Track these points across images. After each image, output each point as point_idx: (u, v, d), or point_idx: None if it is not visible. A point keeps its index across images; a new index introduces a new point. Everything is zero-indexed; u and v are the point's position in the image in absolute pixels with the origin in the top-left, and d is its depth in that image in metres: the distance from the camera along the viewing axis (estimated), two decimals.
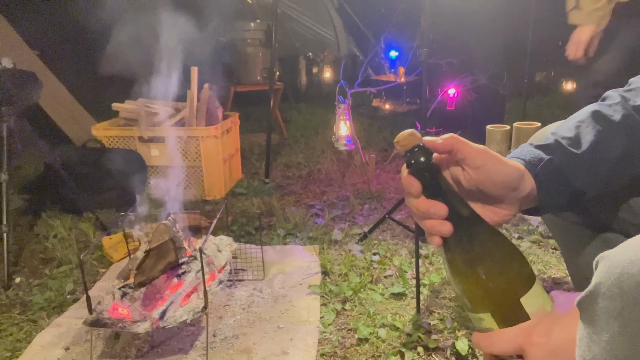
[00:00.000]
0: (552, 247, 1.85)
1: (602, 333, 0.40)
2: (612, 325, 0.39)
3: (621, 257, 0.40)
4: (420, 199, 0.54)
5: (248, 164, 3.11)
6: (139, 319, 1.24)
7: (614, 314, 0.39)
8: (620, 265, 0.39)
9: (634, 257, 0.39)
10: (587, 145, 0.63)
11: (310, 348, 1.31)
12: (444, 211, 0.53)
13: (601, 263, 0.42)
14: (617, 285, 0.39)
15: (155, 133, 2.50)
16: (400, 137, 0.54)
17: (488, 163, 0.56)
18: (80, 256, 1.22)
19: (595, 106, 0.67)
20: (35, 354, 1.33)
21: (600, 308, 0.41)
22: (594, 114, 0.66)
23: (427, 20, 1.73)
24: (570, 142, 0.63)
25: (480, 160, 0.55)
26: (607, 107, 0.66)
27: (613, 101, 0.67)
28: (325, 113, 4.24)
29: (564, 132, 0.65)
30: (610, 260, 0.41)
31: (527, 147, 0.64)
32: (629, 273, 0.38)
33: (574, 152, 0.62)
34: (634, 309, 0.38)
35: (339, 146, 2.41)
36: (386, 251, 1.86)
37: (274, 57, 2.99)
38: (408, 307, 1.49)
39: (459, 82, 2.79)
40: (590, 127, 0.64)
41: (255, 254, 1.72)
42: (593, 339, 0.42)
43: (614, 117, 0.65)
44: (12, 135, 1.87)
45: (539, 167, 0.60)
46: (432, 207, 0.53)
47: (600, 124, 0.64)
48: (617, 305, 0.39)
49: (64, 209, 2.30)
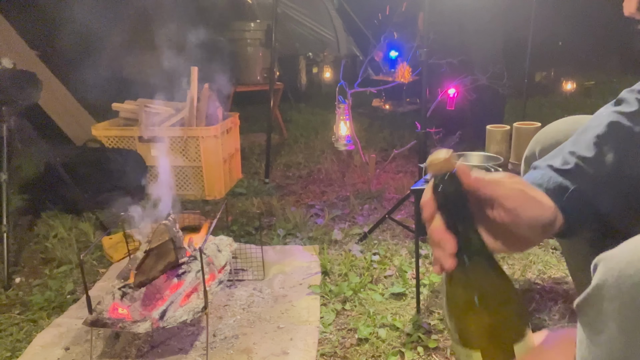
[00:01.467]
0: (552, 247, 1.85)
1: (601, 334, 0.41)
2: (611, 326, 0.39)
3: (619, 259, 0.40)
4: (435, 227, 0.52)
5: (248, 164, 3.12)
6: (139, 319, 1.24)
7: (612, 315, 0.39)
8: (617, 267, 0.40)
9: (631, 258, 0.39)
10: (609, 166, 0.60)
11: (310, 348, 1.31)
12: (453, 248, 0.51)
13: (599, 265, 0.42)
14: (615, 286, 0.39)
15: (155, 133, 2.50)
16: (435, 161, 0.51)
17: (522, 205, 0.53)
18: (80, 256, 1.22)
19: (612, 115, 0.63)
20: (35, 354, 1.33)
21: (599, 309, 0.41)
22: (612, 126, 0.62)
23: (427, 20, 1.73)
24: (591, 164, 0.60)
25: (513, 203, 0.53)
26: (625, 117, 0.62)
27: (631, 108, 0.62)
28: (325, 113, 4.24)
29: (582, 151, 0.61)
30: (608, 262, 0.41)
31: (547, 173, 0.61)
32: (626, 274, 0.39)
33: (596, 176, 0.59)
34: (632, 309, 0.38)
35: (339, 146, 2.41)
36: (386, 251, 1.86)
37: (274, 57, 2.99)
38: (408, 307, 1.49)
39: (459, 82, 2.79)
40: (610, 144, 0.60)
41: (255, 254, 1.72)
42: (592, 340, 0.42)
43: (635, 129, 0.60)
44: (12, 135, 1.87)
45: (565, 198, 0.58)
46: (443, 240, 0.52)
47: (620, 139, 0.60)
48: (615, 306, 0.39)
49: (64, 209, 2.30)
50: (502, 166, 1.67)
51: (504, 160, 1.97)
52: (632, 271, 0.38)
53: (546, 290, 1.56)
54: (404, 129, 3.78)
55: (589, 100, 4.75)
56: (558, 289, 1.57)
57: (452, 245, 0.51)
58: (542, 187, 0.59)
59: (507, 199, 0.53)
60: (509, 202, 0.53)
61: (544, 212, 0.55)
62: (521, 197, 0.54)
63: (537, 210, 0.54)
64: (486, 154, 1.91)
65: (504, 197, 0.53)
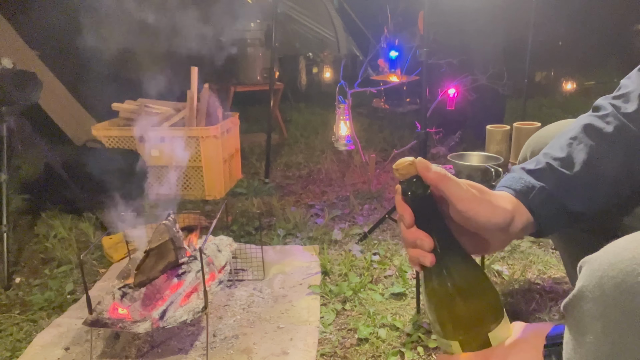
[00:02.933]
0: (552, 247, 1.85)
1: (587, 335, 0.41)
2: (596, 326, 0.40)
3: (602, 260, 0.41)
4: (410, 228, 0.54)
5: (248, 164, 3.12)
6: (139, 319, 1.24)
7: (596, 315, 0.40)
8: (601, 268, 0.40)
9: (613, 260, 0.40)
10: (579, 164, 0.61)
11: (310, 348, 1.31)
12: (430, 245, 0.53)
13: (584, 267, 0.43)
14: (598, 287, 0.40)
15: (155, 133, 2.50)
16: (400, 166, 0.54)
17: (473, 209, 0.54)
18: (80, 256, 1.22)
19: (587, 118, 0.65)
20: (35, 354, 1.33)
21: (584, 311, 0.42)
22: (585, 128, 0.63)
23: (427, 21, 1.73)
24: (562, 163, 0.61)
25: (464, 206, 0.54)
26: (598, 119, 0.64)
27: (605, 111, 0.64)
28: (325, 113, 4.24)
29: (555, 152, 0.63)
30: (592, 264, 0.42)
31: (518, 174, 0.63)
32: (609, 276, 0.39)
33: (566, 174, 0.60)
34: (615, 310, 0.38)
35: (339, 146, 2.41)
36: (386, 251, 1.86)
37: (274, 57, 2.99)
38: (408, 307, 1.49)
39: (459, 82, 2.79)
40: (582, 145, 0.62)
41: (255, 254, 1.72)
42: (578, 341, 0.42)
43: (607, 129, 0.62)
44: (12, 135, 1.87)
45: (530, 197, 0.59)
46: (420, 238, 0.53)
47: (592, 139, 0.62)
48: (599, 307, 0.40)
49: (64, 209, 2.30)
50: (502, 166, 1.67)
51: (504, 160, 1.97)
52: (614, 273, 0.39)
53: (546, 290, 1.56)
54: (404, 129, 3.78)
55: (589, 100, 4.75)
56: (558, 289, 1.57)
57: (429, 242, 0.53)
58: (509, 188, 0.60)
59: (459, 200, 0.54)
60: (460, 204, 0.54)
61: (495, 216, 0.56)
62: (472, 200, 0.55)
63: (489, 212, 0.55)
64: (486, 154, 1.91)
65: (457, 198, 0.54)
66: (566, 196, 0.60)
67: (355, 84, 2.47)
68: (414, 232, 0.54)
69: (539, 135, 0.85)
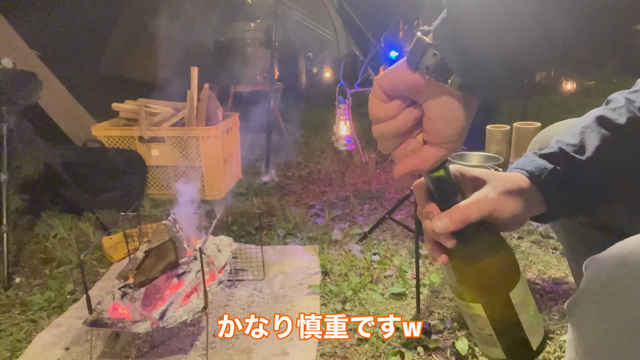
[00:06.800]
0: (552, 247, 1.85)
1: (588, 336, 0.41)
2: (598, 328, 0.40)
3: (607, 262, 0.41)
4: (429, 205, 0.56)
5: (248, 164, 3.11)
6: (139, 319, 1.24)
7: (599, 317, 0.40)
8: (606, 270, 0.40)
9: (619, 262, 0.40)
10: (592, 150, 0.61)
11: (310, 348, 1.31)
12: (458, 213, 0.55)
13: (588, 267, 0.43)
14: (603, 289, 0.40)
15: (155, 133, 2.50)
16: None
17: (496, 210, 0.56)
18: (80, 256, 1.22)
19: (599, 111, 0.66)
20: (35, 354, 1.33)
21: (587, 312, 0.41)
22: (598, 119, 0.64)
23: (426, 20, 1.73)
24: (574, 149, 0.62)
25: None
26: (611, 111, 0.65)
27: (618, 104, 0.65)
28: (325, 113, 4.24)
29: (568, 139, 0.63)
30: (597, 265, 0.42)
31: (530, 157, 0.63)
32: (614, 279, 0.39)
33: (579, 159, 0.61)
34: (618, 313, 0.38)
35: (339, 146, 2.41)
36: (386, 251, 1.86)
37: (274, 57, 2.99)
38: (408, 307, 1.49)
39: None
40: (595, 132, 0.63)
41: (255, 254, 1.72)
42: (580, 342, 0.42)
43: (619, 120, 0.63)
44: (12, 135, 1.87)
45: (543, 177, 0.60)
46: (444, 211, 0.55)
47: (605, 129, 0.63)
48: (602, 309, 0.40)
49: (64, 209, 2.30)
50: (502, 166, 1.67)
51: (504, 160, 1.97)
52: (619, 276, 0.39)
53: (546, 290, 1.56)
54: None
55: (589, 100, 4.75)
56: (558, 289, 1.57)
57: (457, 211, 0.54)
58: (522, 169, 0.62)
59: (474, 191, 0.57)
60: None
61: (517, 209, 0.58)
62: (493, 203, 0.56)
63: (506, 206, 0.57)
64: (486, 154, 1.91)
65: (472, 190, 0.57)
66: (577, 180, 0.61)
67: (355, 84, 2.47)
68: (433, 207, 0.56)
69: (547, 132, 0.85)
